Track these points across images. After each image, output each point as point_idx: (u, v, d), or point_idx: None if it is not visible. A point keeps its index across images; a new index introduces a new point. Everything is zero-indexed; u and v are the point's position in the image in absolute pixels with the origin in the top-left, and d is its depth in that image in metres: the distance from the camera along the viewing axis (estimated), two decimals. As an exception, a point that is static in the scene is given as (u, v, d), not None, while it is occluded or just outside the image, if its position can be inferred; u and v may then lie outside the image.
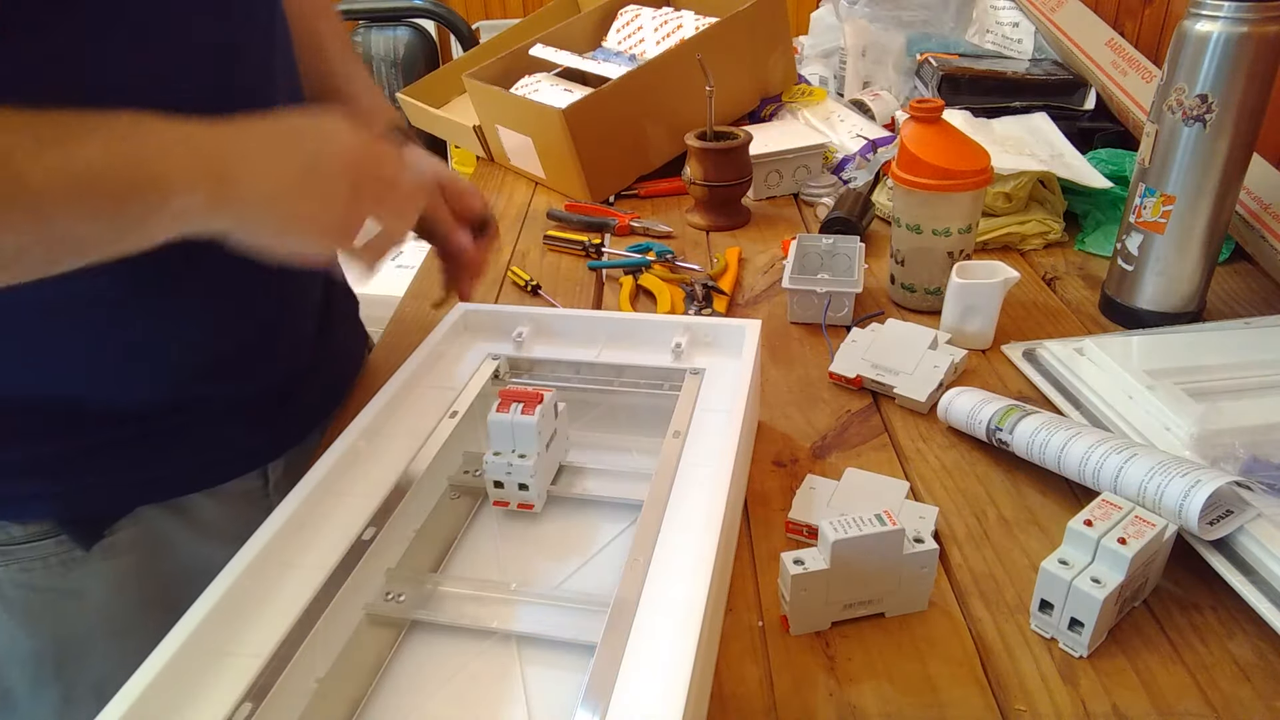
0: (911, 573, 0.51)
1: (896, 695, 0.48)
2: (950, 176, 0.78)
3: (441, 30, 2.41)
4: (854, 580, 0.50)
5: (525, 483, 0.56)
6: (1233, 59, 0.69)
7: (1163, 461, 0.53)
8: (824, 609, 0.51)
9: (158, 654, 0.41)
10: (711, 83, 0.99)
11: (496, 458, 0.55)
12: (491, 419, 0.55)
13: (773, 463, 0.67)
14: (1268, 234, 0.86)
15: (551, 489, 0.58)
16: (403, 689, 0.47)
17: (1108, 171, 0.98)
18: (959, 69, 1.18)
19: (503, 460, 0.55)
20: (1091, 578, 0.48)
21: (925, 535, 0.51)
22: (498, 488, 0.56)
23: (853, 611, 0.52)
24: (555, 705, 0.45)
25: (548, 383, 0.66)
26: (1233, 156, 0.72)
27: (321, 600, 0.46)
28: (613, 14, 1.38)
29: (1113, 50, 1.13)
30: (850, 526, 0.49)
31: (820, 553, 0.50)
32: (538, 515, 0.58)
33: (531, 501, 0.56)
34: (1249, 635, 0.50)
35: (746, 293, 0.93)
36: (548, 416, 0.56)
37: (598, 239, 1.03)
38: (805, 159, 1.14)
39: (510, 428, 0.55)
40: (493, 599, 0.50)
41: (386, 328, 0.91)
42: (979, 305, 0.77)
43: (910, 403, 0.72)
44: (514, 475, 0.55)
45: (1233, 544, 0.52)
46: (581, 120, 1.09)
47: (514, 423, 0.55)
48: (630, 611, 0.44)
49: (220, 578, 0.45)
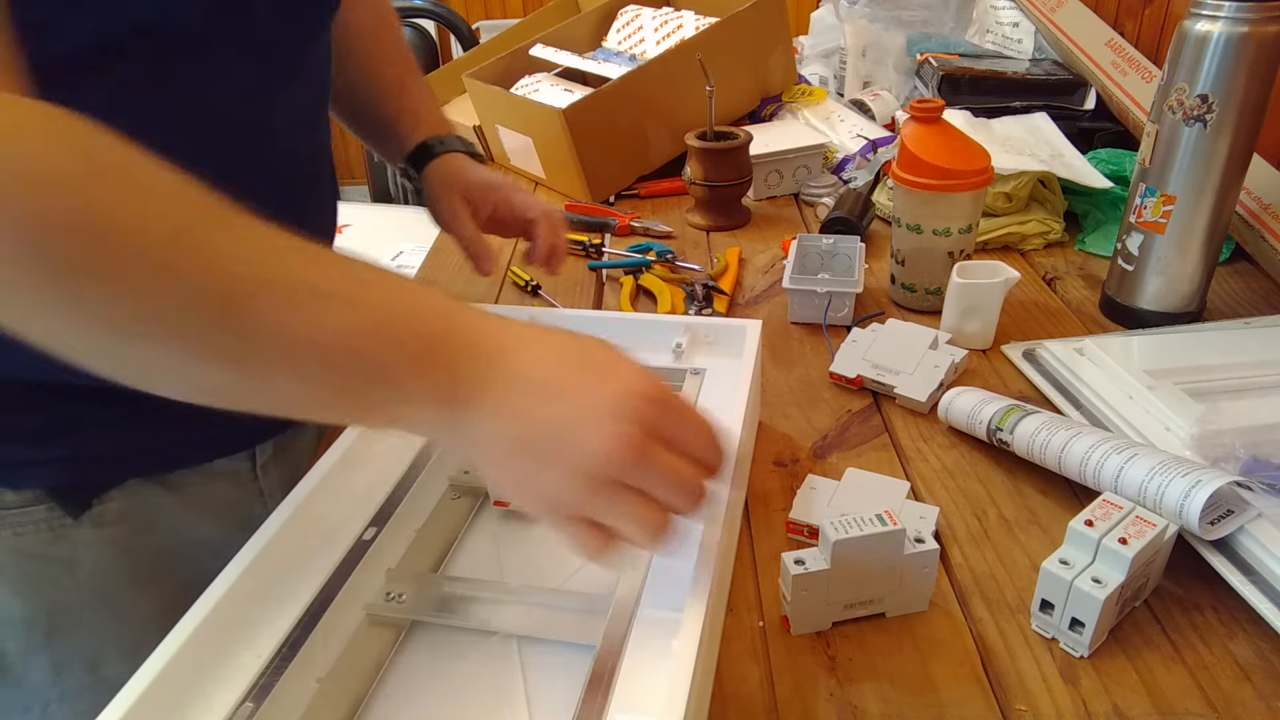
0: (912, 572, 0.51)
1: (897, 695, 0.48)
2: (950, 176, 0.78)
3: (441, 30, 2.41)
4: (855, 580, 0.50)
5: None
6: (1233, 59, 0.69)
7: (1163, 461, 0.53)
8: (825, 609, 0.51)
9: (159, 653, 0.41)
10: (711, 83, 0.99)
11: None
12: None
13: (773, 463, 0.67)
14: (1268, 234, 0.86)
15: None
16: (403, 689, 0.47)
17: (1108, 171, 0.98)
18: (959, 69, 1.18)
19: None
20: (1092, 578, 0.48)
21: (926, 535, 0.51)
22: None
23: (853, 611, 0.52)
24: (555, 705, 0.45)
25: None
26: (1233, 156, 0.72)
27: (322, 600, 0.46)
28: (613, 14, 1.38)
29: (1113, 50, 1.13)
30: (851, 526, 0.49)
31: (821, 553, 0.50)
32: (537, 515, 0.58)
33: None
34: (1249, 635, 0.50)
35: (747, 293, 0.93)
36: None
37: (598, 239, 1.03)
38: (805, 159, 1.14)
39: None
40: (493, 599, 0.50)
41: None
42: (979, 305, 0.77)
43: (911, 403, 0.72)
44: None
45: (1233, 544, 0.52)
46: (581, 120, 1.09)
47: None
48: (630, 611, 0.44)
49: (221, 578, 0.45)
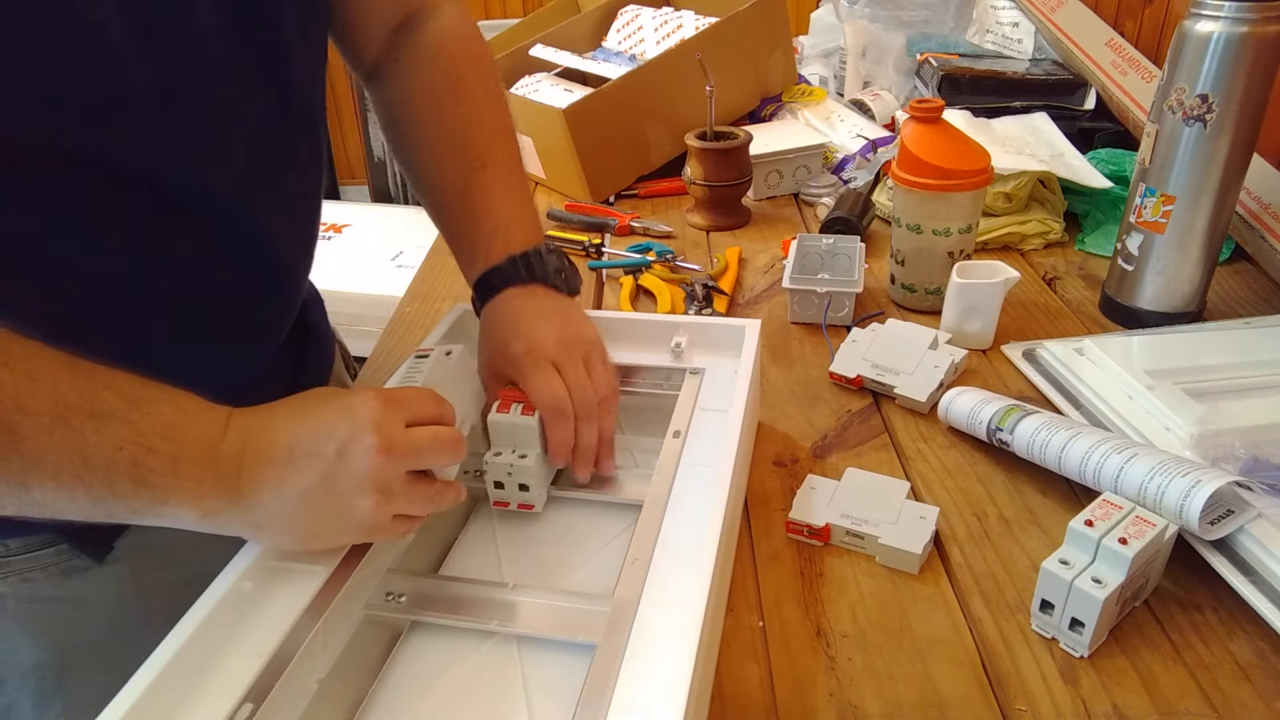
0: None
1: (897, 695, 0.48)
2: (950, 176, 0.78)
3: (441, 30, 2.41)
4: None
5: (526, 483, 0.55)
6: (1233, 59, 0.69)
7: (1163, 461, 0.53)
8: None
9: (158, 654, 0.41)
10: (711, 83, 0.99)
11: (497, 458, 0.55)
12: (492, 419, 0.55)
13: (773, 463, 0.67)
14: (1268, 234, 0.86)
15: (551, 489, 0.58)
16: (403, 689, 0.47)
17: (1108, 171, 0.98)
18: (959, 69, 1.18)
19: (504, 461, 0.55)
20: (1092, 578, 0.48)
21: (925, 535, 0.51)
22: (498, 488, 0.56)
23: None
24: (555, 705, 0.45)
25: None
26: (1233, 156, 0.72)
27: (322, 600, 0.46)
28: (613, 14, 1.38)
29: (1113, 50, 1.13)
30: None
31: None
32: (538, 515, 0.58)
33: (532, 502, 0.56)
34: (1249, 635, 0.50)
35: (747, 293, 0.93)
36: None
37: (598, 239, 1.03)
38: (805, 159, 1.14)
39: (511, 428, 0.55)
40: (493, 599, 0.50)
41: (386, 328, 0.90)
42: (979, 305, 0.77)
43: (910, 403, 0.72)
44: (515, 476, 0.55)
45: (1233, 544, 0.52)
46: (581, 120, 1.09)
47: (514, 423, 0.55)
48: (630, 611, 0.44)
49: (220, 578, 0.45)
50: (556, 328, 0.57)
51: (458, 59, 0.64)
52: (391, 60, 0.64)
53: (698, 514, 0.49)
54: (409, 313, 0.93)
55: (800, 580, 0.56)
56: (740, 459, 0.55)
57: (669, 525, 0.50)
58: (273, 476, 0.44)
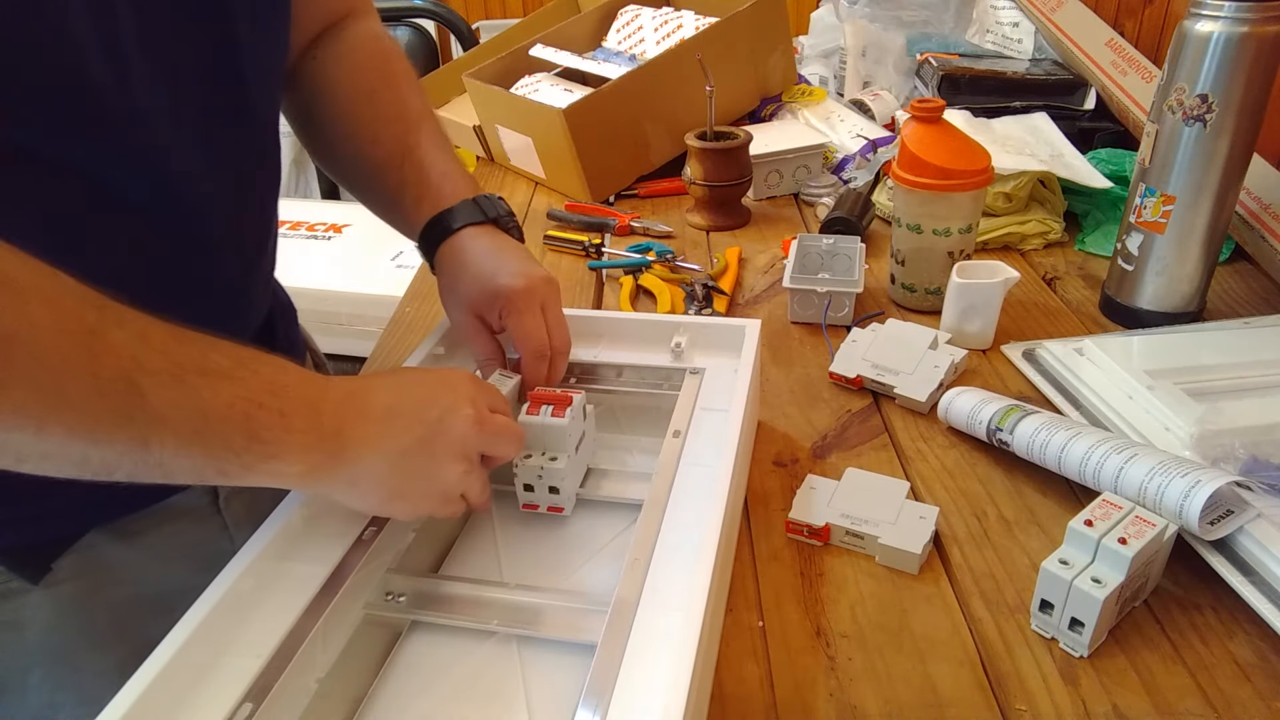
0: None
1: (897, 695, 0.48)
2: (950, 176, 0.78)
3: (441, 30, 2.41)
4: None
5: (556, 486, 0.55)
6: (1233, 59, 0.69)
7: (1163, 462, 0.53)
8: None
9: (158, 654, 0.41)
10: (711, 83, 0.99)
11: (527, 460, 0.54)
12: (522, 420, 0.54)
13: (773, 463, 0.67)
14: (1268, 234, 0.86)
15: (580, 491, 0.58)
16: (403, 689, 0.47)
17: (1108, 171, 0.98)
18: (959, 69, 1.18)
19: (534, 464, 0.54)
20: (1092, 578, 0.48)
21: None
22: (528, 490, 0.56)
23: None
24: (555, 705, 0.45)
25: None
26: (1233, 156, 0.72)
27: (321, 600, 0.46)
28: (613, 14, 1.38)
29: (1113, 50, 1.13)
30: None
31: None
32: (537, 515, 0.58)
33: (562, 505, 0.56)
34: (1249, 635, 0.50)
35: (747, 293, 0.93)
36: (577, 418, 0.56)
37: (598, 239, 1.03)
38: (805, 159, 1.14)
39: (542, 430, 0.54)
40: (493, 599, 0.50)
41: (385, 329, 0.90)
42: (979, 305, 0.77)
43: (910, 403, 0.72)
44: (546, 478, 0.55)
45: (1233, 544, 0.52)
46: (581, 120, 1.09)
47: (545, 425, 0.54)
48: (630, 611, 0.44)
49: (220, 578, 0.45)
50: (536, 266, 0.60)
51: (381, 53, 0.67)
52: (309, 60, 0.65)
53: (698, 514, 0.49)
54: (409, 313, 0.93)
55: (800, 580, 0.56)
56: (740, 459, 0.55)
57: (669, 525, 0.50)
58: (374, 434, 0.45)
